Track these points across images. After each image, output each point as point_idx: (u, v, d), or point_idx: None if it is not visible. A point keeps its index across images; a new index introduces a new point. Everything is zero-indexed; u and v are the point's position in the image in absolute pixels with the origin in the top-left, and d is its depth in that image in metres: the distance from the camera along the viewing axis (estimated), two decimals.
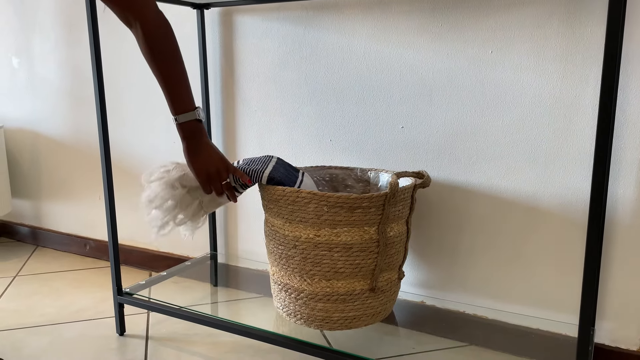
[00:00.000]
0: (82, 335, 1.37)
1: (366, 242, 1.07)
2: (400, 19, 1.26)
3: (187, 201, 1.16)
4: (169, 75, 1.06)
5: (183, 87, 1.07)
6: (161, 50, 1.04)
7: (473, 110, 1.22)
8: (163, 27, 1.05)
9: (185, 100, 1.08)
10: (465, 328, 1.26)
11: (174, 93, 1.07)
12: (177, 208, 1.15)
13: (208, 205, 1.18)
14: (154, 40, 1.04)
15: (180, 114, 1.07)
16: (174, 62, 1.06)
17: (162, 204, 1.14)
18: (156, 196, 1.14)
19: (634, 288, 1.12)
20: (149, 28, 1.03)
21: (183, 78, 1.07)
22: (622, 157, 1.09)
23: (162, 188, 1.14)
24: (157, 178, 1.15)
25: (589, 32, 1.08)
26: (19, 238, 2.16)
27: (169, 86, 1.06)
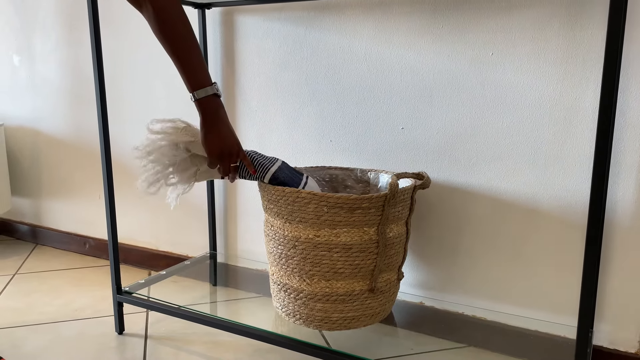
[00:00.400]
0: (81, 334, 1.38)
1: (366, 242, 1.08)
2: (401, 20, 1.27)
3: (184, 165, 1.14)
4: (182, 51, 1.03)
5: (197, 62, 1.04)
6: (173, 27, 1.02)
7: (473, 111, 1.22)
8: (174, 3, 1.02)
9: (200, 75, 1.04)
10: (464, 329, 1.26)
11: (189, 69, 1.03)
12: (173, 169, 1.13)
13: (202, 175, 1.17)
14: (166, 16, 1.01)
15: (197, 89, 1.03)
16: (186, 39, 1.03)
17: (159, 159, 1.12)
18: (156, 150, 1.12)
19: (632, 290, 1.13)
20: (160, 4, 1.00)
21: (196, 54, 1.04)
22: (621, 160, 1.09)
23: (166, 144, 1.12)
24: (162, 131, 1.12)
25: (590, 34, 1.09)
26: (19, 236, 2.16)
27: (183, 63, 1.03)
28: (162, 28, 1.02)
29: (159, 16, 1.01)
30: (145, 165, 1.14)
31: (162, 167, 1.13)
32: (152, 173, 1.13)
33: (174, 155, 1.13)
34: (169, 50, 1.04)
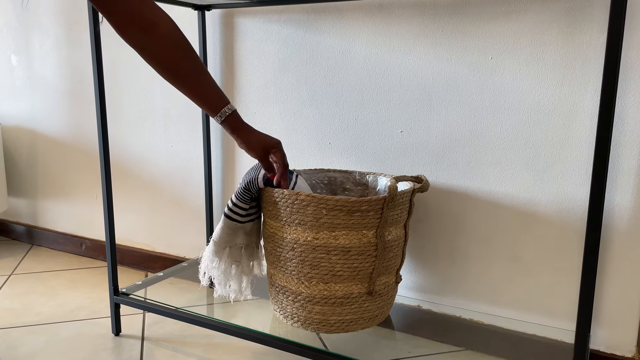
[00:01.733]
0: (78, 335, 1.37)
1: (364, 245, 1.08)
2: (401, 23, 1.27)
3: (235, 255, 1.18)
4: (197, 83, 1.00)
5: (213, 87, 1.02)
6: (184, 56, 0.98)
7: (472, 115, 1.23)
8: (178, 33, 0.98)
9: (220, 98, 1.03)
10: (461, 332, 1.26)
11: (207, 97, 1.02)
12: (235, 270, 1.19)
13: (252, 242, 1.20)
14: (176, 41, 0.97)
15: (219, 112, 1.03)
16: (199, 67, 1.00)
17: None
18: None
19: (629, 294, 1.13)
20: (169, 29, 0.96)
21: (210, 78, 1.02)
22: (619, 165, 1.10)
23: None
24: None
25: (588, 39, 1.09)
26: (15, 236, 2.15)
27: (200, 93, 1.01)
28: (173, 57, 0.97)
29: (168, 42, 0.96)
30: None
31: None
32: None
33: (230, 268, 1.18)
34: (180, 81, 0.99)
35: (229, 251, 1.15)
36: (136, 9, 0.93)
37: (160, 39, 0.96)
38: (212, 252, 1.15)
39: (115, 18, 0.93)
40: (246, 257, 1.17)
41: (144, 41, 0.95)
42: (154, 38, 0.95)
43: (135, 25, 0.94)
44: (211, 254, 1.15)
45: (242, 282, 1.18)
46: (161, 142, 1.70)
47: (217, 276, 1.16)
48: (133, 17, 0.93)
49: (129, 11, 0.93)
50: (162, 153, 1.71)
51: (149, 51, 0.96)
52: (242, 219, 1.14)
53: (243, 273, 1.18)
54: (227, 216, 1.13)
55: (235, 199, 1.13)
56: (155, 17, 0.95)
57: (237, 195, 1.13)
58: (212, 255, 1.15)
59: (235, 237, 1.15)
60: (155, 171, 1.74)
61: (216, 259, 1.15)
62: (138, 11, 0.93)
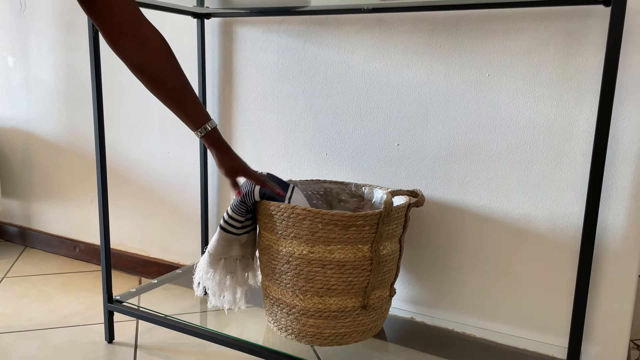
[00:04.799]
0: (71, 341, 1.37)
1: (359, 259, 1.08)
2: (400, 38, 1.28)
3: (230, 266, 1.18)
4: (181, 99, 1.03)
5: (196, 103, 1.05)
6: (172, 72, 1.00)
7: (468, 131, 1.24)
8: (169, 48, 1.00)
9: (201, 115, 1.06)
10: (454, 346, 1.27)
11: (189, 112, 1.05)
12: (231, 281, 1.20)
13: (247, 253, 1.21)
14: (164, 56, 0.99)
15: (200, 128, 1.06)
16: (184, 83, 1.03)
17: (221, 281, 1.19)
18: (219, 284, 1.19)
19: (620, 312, 1.14)
20: (160, 44, 0.98)
21: (194, 95, 1.05)
22: (613, 185, 1.11)
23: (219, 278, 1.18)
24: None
25: (585, 60, 1.10)
26: (8, 238, 2.14)
27: (183, 108, 1.04)
28: (163, 71, 1.00)
29: (160, 56, 0.98)
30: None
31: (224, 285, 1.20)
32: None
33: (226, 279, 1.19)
34: (168, 96, 1.03)
35: (224, 262, 1.15)
36: (131, 22, 0.94)
37: (153, 52, 0.98)
38: (207, 263, 1.15)
39: (110, 31, 0.94)
40: (241, 269, 1.18)
41: (137, 54, 0.97)
42: (147, 51, 0.97)
43: (130, 38, 0.95)
44: (206, 265, 1.16)
45: (236, 293, 1.18)
46: (158, 148, 1.70)
47: (212, 287, 1.17)
48: (128, 30, 0.94)
49: (124, 23, 0.93)
50: (158, 159, 1.71)
51: (141, 65, 0.98)
52: (238, 231, 1.14)
53: (238, 284, 1.18)
54: (223, 228, 1.14)
55: (231, 212, 1.13)
56: (148, 31, 0.97)
57: (232, 208, 1.13)
58: (207, 266, 1.15)
59: (231, 249, 1.15)
60: (151, 177, 1.74)
61: (211, 270, 1.15)
62: (133, 24, 0.94)
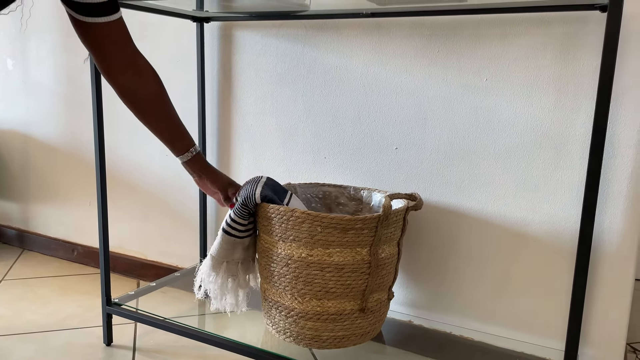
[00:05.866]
0: (69, 344, 1.37)
1: (358, 263, 1.09)
2: (398, 43, 1.29)
3: (232, 269, 1.19)
4: (165, 127, 1.09)
5: (180, 130, 1.11)
6: (151, 102, 1.06)
7: (466, 135, 1.25)
8: (159, 78, 1.06)
9: (185, 141, 1.12)
10: (451, 349, 1.27)
11: (173, 139, 1.11)
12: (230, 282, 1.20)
13: (249, 256, 1.21)
14: (157, 92, 1.05)
15: (183, 154, 1.12)
16: (169, 112, 1.08)
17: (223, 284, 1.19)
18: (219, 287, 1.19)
19: (617, 315, 1.15)
20: (152, 82, 1.04)
21: (178, 121, 1.10)
22: (609, 189, 1.12)
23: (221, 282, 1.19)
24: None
25: (581, 65, 1.12)
26: (5, 240, 2.14)
27: (167, 136, 1.10)
28: (155, 101, 1.06)
29: (154, 88, 1.04)
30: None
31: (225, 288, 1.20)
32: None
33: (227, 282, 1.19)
34: (157, 123, 1.08)
35: (227, 266, 1.16)
36: (127, 55, 1.00)
37: (145, 83, 1.04)
38: (210, 266, 1.16)
39: (107, 62, 0.99)
40: (242, 271, 1.18)
41: (131, 85, 1.02)
42: (139, 83, 1.03)
43: (125, 70, 1.00)
44: (208, 268, 1.16)
45: (238, 296, 1.19)
46: (156, 151, 1.71)
47: (214, 290, 1.17)
48: (123, 62, 1.00)
49: (120, 56, 0.99)
50: (157, 161, 1.71)
51: (132, 94, 1.03)
52: (241, 234, 1.15)
53: (239, 287, 1.18)
54: (226, 232, 1.14)
55: (234, 215, 1.13)
56: (142, 64, 1.03)
57: (235, 211, 1.14)
58: (209, 269, 1.16)
59: (234, 252, 1.16)
60: (150, 179, 1.74)
61: (213, 274, 1.15)
62: (128, 57, 1.00)
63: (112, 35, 0.96)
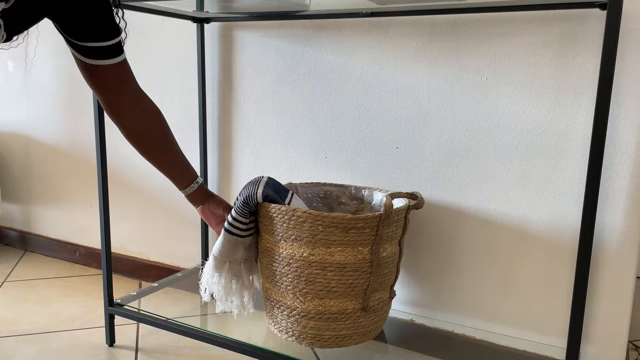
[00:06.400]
0: (71, 345, 1.37)
1: (359, 262, 1.09)
2: (398, 42, 1.29)
3: (235, 270, 1.19)
4: (167, 162, 1.12)
5: (182, 166, 1.13)
6: (155, 139, 1.09)
7: (466, 133, 1.25)
8: (160, 116, 1.09)
9: (187, 175, 1.14)
10: (453, 347, 1.28)
11: (176, 174, 1.14)
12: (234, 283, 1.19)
13: (251, 256, 1.21)
14: (160, 126, 1.08)
15: (186, 188, 1.15)
16: (171, 147, 1.11)
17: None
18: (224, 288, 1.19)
19: (618, 312, 1.15)
20: (154, 117, 1.07)
21: (180, 157, 1.13)
22: (610, 186, 1.12)
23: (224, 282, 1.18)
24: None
25: (581, 63, 1.12)
26: (8, 242, 2.15)
27: (169, 171, 1.13)
28: (158, 135, 1.09)
29: (156, 123, 1.08)
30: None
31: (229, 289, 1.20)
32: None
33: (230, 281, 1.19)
34: (154, 162, 1.11)
35: (229, 266, 1.16)
36: (132, 95, 1.04)
37: (149, 122, 1.07)
38: (213, 267, 1.16)
39: (113, 102, 1.02)
40: (246, 271, 1.18)
41: (139, 123, 1.06)
42: (144, 121, 1.06)
43: (134, 109, 1.04)
44: (212, 269, 1.16)
45: (243, 296, 1.18)
46: None
47: (218, 291, 1.17)
48: (128, 102, 1.03)
49: (126, 97, 1.02)
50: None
51: (140, 132, 1.07)
52: (243, 233, 1.15)
53: (244, 287, 1.18)
54: (228, 231, 1.14)
55: (235, 214, 1.14)
56: (148, 101, 1.07)
57: (236, 210, 1.14)
58: (213, 270, 1.16)
59: (235, 252, 1.16)
60: (151, 180, 1.74)
61: (217, 274, 1.15)
62: (133, 97, 1.04)
63: (117, 76, 0.99)
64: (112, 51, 0.96)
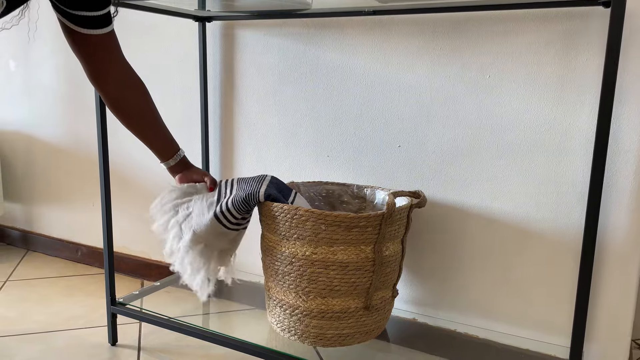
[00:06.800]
0: (74, 345, 1.37)
1: (362, 260, 1.09)
2: (400, 40, 1.29)
3: (206, 254, 1.18)
4: (150, 132, 1.14)
5: (165, 138, 1.15)
6: (139, 110, 1.11)
7: (469, 132, 1.24)
8: (142, 86, 1.10)
9: (169, 148, 1.17)
10: (456, 346, 1.27)
11: (158, 146, 1.16)
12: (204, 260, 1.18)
13: (229, 249, 1.21)
14: (144, 97, 1.10)
15: (168, 160, 1.17)
16: (154, 118, 1.13)
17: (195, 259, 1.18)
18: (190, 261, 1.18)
19: (622, 311, 1.15)
20: (117, 91, 1.07)
21: (163, 129, 1.14)
22: (613, 185, 1.12)
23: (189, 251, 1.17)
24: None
25: (584, 61, 1.11)
26: (10, 241, 2.15)
27: (152, 141, 1.15)
28: (142, 106, 1.11)
29: (140, 92, 1.10)
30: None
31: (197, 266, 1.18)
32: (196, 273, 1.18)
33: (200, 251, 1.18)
34: (138, 134, 1.13)
35: (203, 248, 1.15)
36: (121, 65, 1.06)
37: (135, 92, 1.09)
38: (189, 240, 1.15)
39: (102, 72, 1.04)
40: (216, 261, 1.18)
41: (123, 94, 1.08)
42: (130, 91, 1.09)
43: (118, 79, 1.06)
44: (187, 242, 1.15)
45: (204, 280, 1.16)
46: None
47: (180, 262, 1.16)
48: (112, 70, 1.04)
49: (109, 64, 1.03)
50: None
51: (123, 103, 1.08)
52: (231, 225, 1.14)
53: (207, 273, 1.17)
54: (217, 217, 1.13)
55: (231, 206, 1.12)
56: (132, 72, 1.09)
57: (233, 202, 1.12)
58: (188, 243, 1.14)
59: (215, 239, 1.15)
60: (153, 179, 1.74)
61: (189, 250, 1.14)
62: (122, 67, 1.06)
63: (105, 45, 1.01)
64: (102, 21, 0.97)
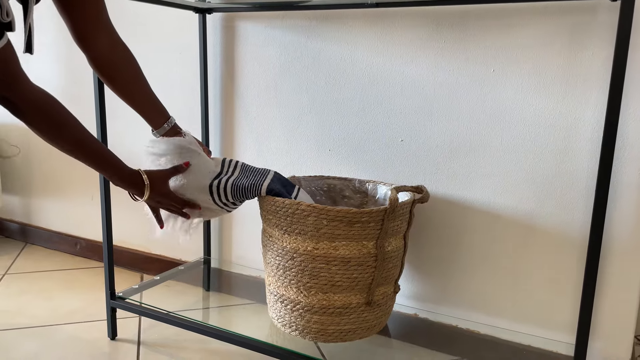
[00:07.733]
0: (73, 338, 1.36)
1: (364, 256, 1.08)
2: (403, 33, 1.27)
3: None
4: (140, 98, 1.14)
5: (156, 103, 1.15)
6: (128, 74, 1.11)
7: (473, 126, 1.23)
8: (128, 51, 1.09)
9: (161, 114, 1.16)
10: (457, 342, 1.27)
11: (150, 112, 1.16)
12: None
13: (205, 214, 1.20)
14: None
15: (160, 127, 1.17)
16: (141, 84, 1.12)
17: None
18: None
19: (625, 308, 1.14)
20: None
21: (153, 95, 1.13)
22: (619, 180, 1.11)
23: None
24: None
25: (591, 55, 1.10)
26: (8, 234, 2.13)
27: (143, 108, 1.15)
28: (124, 73, 1.11)
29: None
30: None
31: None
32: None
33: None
34: (128, 100, 1.13)
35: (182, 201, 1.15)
36: (107, 24, 1.04)
37: (121, 53, 1.08)
38: (178, 185, 1.14)
39: (88, 29, 1.03)
40: (181, 224, 1.19)
41: (108, 53, 1.07)
42: (116, 52, 1.07)
43: (104, 38, 1.05)
44: (176, 182, 1.15)
45: (177, 224, 1.19)
46: None
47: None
48: (104, 29, 1.04)
49: (96, 22, 1.03)
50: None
51: (109, 64, 1.08)
52: (219, 203, 1.15)
53: (181, 223, 1.19)
54: (210, 188, 1.14)
55: (229, 187, 1.13)
56: (117, 35, 1.07)
57: (232, 189, 1.13)
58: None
59: (202, 207, 1.16)
60: None
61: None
62: (108, 25, 1.04)
63: (93, 6, 1.00)
64: None
